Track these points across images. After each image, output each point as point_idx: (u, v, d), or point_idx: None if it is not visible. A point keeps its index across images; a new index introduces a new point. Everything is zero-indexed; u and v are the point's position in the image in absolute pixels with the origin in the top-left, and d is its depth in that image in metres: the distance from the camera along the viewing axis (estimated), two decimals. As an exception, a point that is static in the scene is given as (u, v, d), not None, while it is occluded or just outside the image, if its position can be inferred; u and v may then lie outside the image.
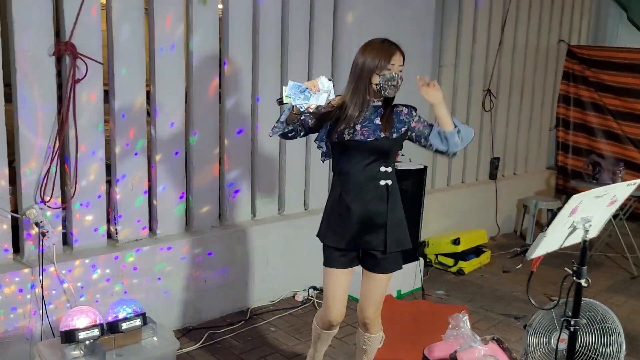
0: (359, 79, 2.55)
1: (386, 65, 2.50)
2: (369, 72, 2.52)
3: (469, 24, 5.50)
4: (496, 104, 5.94)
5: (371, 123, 2.57)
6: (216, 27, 3.77)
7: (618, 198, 2.26)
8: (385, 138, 2.57)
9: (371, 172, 2.60)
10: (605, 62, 6.33)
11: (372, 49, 2.55)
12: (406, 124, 2.62)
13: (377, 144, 2.56)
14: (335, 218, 2.67)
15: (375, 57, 2.52)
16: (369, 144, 2.56)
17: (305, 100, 2.34)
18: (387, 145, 2.59)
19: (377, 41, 2.58)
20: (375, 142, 2.56)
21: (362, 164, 2.59)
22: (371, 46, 2.57)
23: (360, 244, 2.66)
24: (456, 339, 2.28)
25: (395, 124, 2.60)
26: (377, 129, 2.56)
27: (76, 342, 2.69)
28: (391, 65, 2.51)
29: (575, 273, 2.22)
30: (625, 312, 4.30)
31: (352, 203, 2.61)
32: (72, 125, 3.19)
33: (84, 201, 3.35)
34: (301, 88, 2.34)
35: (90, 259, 3.33)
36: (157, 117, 3.60)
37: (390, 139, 2.59)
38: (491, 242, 5.75)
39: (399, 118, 2.62)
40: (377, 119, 2.58)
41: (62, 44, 3.09)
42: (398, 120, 2.61)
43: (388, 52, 2.53)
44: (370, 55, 2.54)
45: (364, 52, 2.57)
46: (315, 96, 2.35)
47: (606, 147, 6.46)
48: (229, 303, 4.01)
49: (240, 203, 4.08)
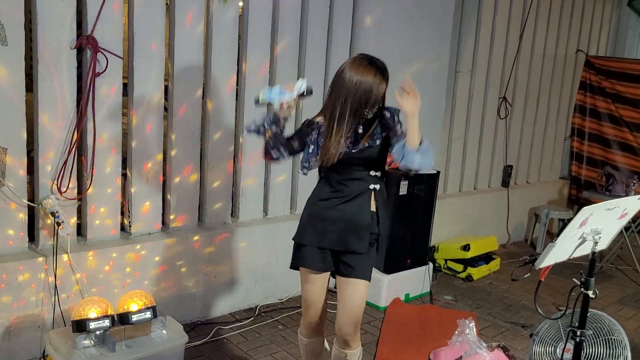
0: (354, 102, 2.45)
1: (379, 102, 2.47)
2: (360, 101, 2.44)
3: (487, 30, 5.50)
4: (511, 112, 5.92)
5: (354, 133, 2.53)
6: (236, 25, 3.80)
7: (629, 211, 2.26)
8: (368, 147, 2.53)
9: (359, 175, 2.57)
10: (624, 73, 6.30)
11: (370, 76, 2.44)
12: (387, 128, 2.56)
13: (364, 152, 2.53)
14: (318, 219, 2.61)
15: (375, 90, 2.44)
16: (352, 155, 2.52)
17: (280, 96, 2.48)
18: (372, 153, 2.55)
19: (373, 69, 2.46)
20: (358, 153, 2.53)
21: (349, 170, 2.56)
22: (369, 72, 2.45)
23: (342, 245, 2.58)
24: (462, 345, 2.29)
25: (375, 129, 2.54)
26: (360, 138, 2.52)
27: (87, 331, 2.74)
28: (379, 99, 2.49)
29: (583, 284, 2.22)
30: (634, 325, 4.28)
31: (337, 205, 2.57)
32: (90, 117, 3.24)
33: (99, 193, 3.39)
34: (278, 90, 2.49)
35: (104, 251, 3.37)
36: (174, 112, 3.65)
37: (375, 147, 2.54)
38: (501, 250, 5.74)
39: (381, 123, 2.57)
40: (360, 127, 2.53)
41: (84, 38, 3.14)
42: (380, 125, 2.56)
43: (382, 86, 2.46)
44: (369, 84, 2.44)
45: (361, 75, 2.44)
46: (289, 94, 2.48)
47: (621, 159, 6.42)
48: (238, 300, 4.04)
49: (252, 201, 4.11)
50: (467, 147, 5.64)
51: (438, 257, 5.11)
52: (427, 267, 4.52)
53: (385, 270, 4.30)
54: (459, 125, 5.51)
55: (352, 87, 2.43)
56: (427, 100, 4.86)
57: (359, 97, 2.43)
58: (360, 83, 2.42)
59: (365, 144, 2.53)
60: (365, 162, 2.56)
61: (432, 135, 4.95)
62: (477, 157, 5.78)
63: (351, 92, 2.43)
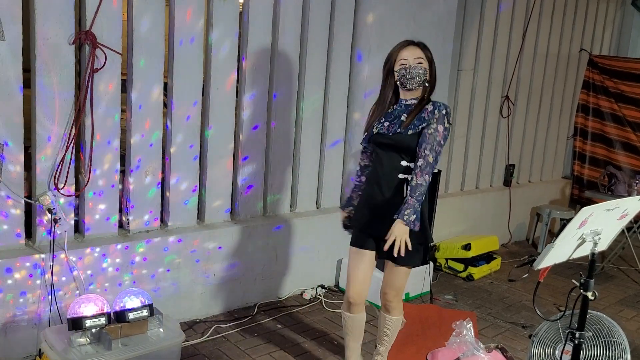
0: (383, 80, 2.78)
1: (397, 59, 2.68)
2: (388, 70, 2.74)
3: (490, 28, 5.46)
4: (514, 111, 5.89)
5: (398, 119, 2.73)
6: (236, 22, 3.78)
7: (629, 212, 2.23)
8: (400, 133, 2.69)
9: (393, 164, 2.74)
10: (627, 73, 6.25)
11: (391, 50, 2.76)
12: (426, 121, 2.66)
13: (393, 138, 2.70)
14: (362, 202, 2.88)
15: (389, 58, 2.73)
16: (387, 137, 2.72)
17: None
18: (402, 140, 2.69)
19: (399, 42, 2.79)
20: (392, 136, 2.70)
21: (385, 156, 2.76)
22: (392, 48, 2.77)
23: (374, 231, 2.79)
24: (459, 346, 2.27)
25: (414, 120, 2.68)
26: (400, 124, 2.70)
27: (83, 329, 2.72)
28: (404, 60, 2.66)
29: (582, 285, 2.20)
30: (635, 326, 4.25)
31: (373, 191, 2.79)
32: (88, 114, 3.22)
33: (97, 190, 3.38)
34: None
35: (101, 248, 3.36)
36: (173, 109, 3.63)
37: (405, 135, 2.67)
38: (502, 249, 5.71)
39: (421, 115, 2.69)
40: (404, 115, 2.71)
41: (83, 33, 3.12)
42: (418, 118, 2.68)
43: (399, 48, 2.71)
44: (388, 55, 2.75)
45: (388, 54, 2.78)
46: None
47: (624, 159, 6.38)
48: (237, 298, 4.02)
49: (252, 199, 4.09)
50: (469, 146, 5.61)
51: (439, 256, 5.09)
52: (428, 267, 4.49)
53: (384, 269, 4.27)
54: (461, 124, 5.48)
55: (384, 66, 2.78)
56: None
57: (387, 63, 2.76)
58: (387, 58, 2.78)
59: (399, 129, 2.69)
60: (397, 146, 2.71)
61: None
62: (479, 156, 5.75)
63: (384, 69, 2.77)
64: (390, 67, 2.73)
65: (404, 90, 2.73)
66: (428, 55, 2.72)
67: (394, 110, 2.78)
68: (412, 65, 2.66)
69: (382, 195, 2.75)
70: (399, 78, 2.68)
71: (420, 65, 2.66)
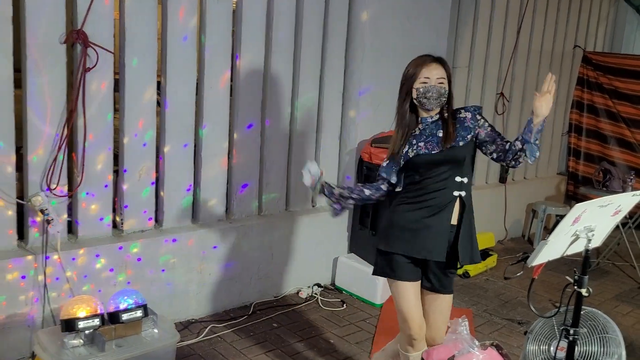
0: (399, 97, 2.59)
1: (419, 76, 2.49)
2: (407, 87, 2.54)
3: (484, 26, 5.46)
4: (509, 108, 5.89)
5: (434, 137, 2.54)
6: (230, 20, 3.76)
7: (623, 208, 2.23)
8: (450, 149, 2.51)
9: (445, 183, 2.52)
10: (621, 69, 6.26)
11: (407, 67, 2.57)
12: (471, 130, 2.55)
13: (448, 153, 2.51)
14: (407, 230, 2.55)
15: (409, 73, 2.53)
16: (434, 156, 2.51)
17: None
18: (456, 153, 2.52)
19: (416, 57, 2.58)
20: (440, 154, 2.51)
21: (434, 176, 2.53)
22: (408, 65, 2.57)
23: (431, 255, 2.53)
24: (455, 344, 2.27)
25: (459, 131, 2.53)
26: (439, 141, 2.53)
27: (76, 331, 2.71)
28: (426, 79, 2.49)
29: (576, 282, 2.19)
30: (630, 321, 4.26)
31: (426, 215, 2.53)
32: (81, 113, 3.20)
33: (90, 190, 3.36)
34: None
35: (95, 248, 3.34)
36: (167, 108, 3.61)
37: (458, 147, 2.52)
38: (498, 246, 5.72)
39: (464, 125, 2.55)
40: (439, 132, 2.55)
41: (74, 32, 3.10)
42: (462, 128, 2.54)
43: (420, 65, 2.52)
44: (405, 73, 2.56)
45: (404, 71, 2.58)
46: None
47: (618, 155, 6.40)
48: (233, 297, 4.01)
49: (247, 198, 4.08)
50: (464, 143, 5.60)
51: (434, 253, 5.08)
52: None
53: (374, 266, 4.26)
54: (455, 121, 5.47)
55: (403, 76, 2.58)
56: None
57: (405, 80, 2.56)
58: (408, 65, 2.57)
59: (446, 145, 2.51)
60: (448, 163, 2.52)
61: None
62: (474, 153, 5.74)
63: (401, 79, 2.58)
64: (410, 85, 2.52)
65: (423, 110, 2.56)
66: (449, 73, 2.55)
67: (423, 130, 2.57)
68: (434, 85, 2.49)
69: (438, 219, 2.52)
70: (419, 97, 2.50)
71: (441, 85, 2.50)
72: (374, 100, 4.41)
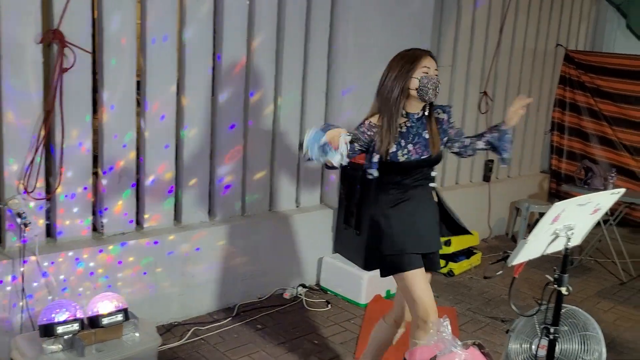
0: (390, 89, 2.51)
1: (420, 66, 2.48)
2: (405, 78, 2.48)
3: (467, 25, 5.47)
4: (492, 107, 5.91)
5: (421, 138, 2.60)
6: (210, 18, 3.73)
7: (602, 206, 2.24)
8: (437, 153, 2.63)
9: (425, 180, 2.67)
10: (603, 68, 6.32)
11: (403, 57, 2.53)
12: (446, 131, 2.69)
13: (431, 160, 2.63)
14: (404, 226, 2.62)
15: (407, 62, 2.50)
16: (423, 161, 2.61)
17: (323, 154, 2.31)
18: (438, 158, 2.67)
19: (404, 50, 2.58)
20: (429, 159, 2.62)
21: (417, 175, 2.63)
22: (400, 55, 2.56)
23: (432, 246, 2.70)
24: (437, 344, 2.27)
25: (440, 134, 2.65)
26: (427, 144, 2.60)
27: (55, 336, 2.67)
28: (426, 69, 2.50)
29: (556, 281, 2.20)
30: (612, 318, 4.29)
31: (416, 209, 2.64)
32: (58, 115, 3.15)
33: (69, 193, 3.31)
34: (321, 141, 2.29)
35: (74, 252, 3.29)
36: (147, 109, 3.57)
37: (440, 153, 2.66)
38: (483, 244, 5.74)
39: (442, 128, 2.67)
40: (425, 132, 2.60)
41: (50, 32, 3.05)
42: (441, 130, 2.66)
43: (420, 55, 2.52)
44: (402, 62, 2.51)
45: (394, 62, 2.55)
46: (332, 153, 2.29)
47: (600, 153, 6.45)
48: (216, 299, 3.98)
49: (230, 198, 4.05)
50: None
51: (419, 252, 5.08)
52: (408, 264, 4.48)
53: (365, 267, 4.25)
54: (439, 120, 5.49)
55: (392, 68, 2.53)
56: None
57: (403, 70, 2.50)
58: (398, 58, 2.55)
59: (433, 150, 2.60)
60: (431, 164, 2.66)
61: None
62: (457, 152, 5.76)
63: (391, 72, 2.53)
64: (408, 75, 2.47)
65: (419, 101, 2.53)
66: None
67: (410, 128, 2.58)
68: (434, 76, 2.50)
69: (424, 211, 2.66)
70: (421, 87, 2.46)
71: (437, 77, 2.52)
72: (357, 99, 4.39)
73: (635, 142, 6.22)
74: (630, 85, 6.14)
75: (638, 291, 4.86)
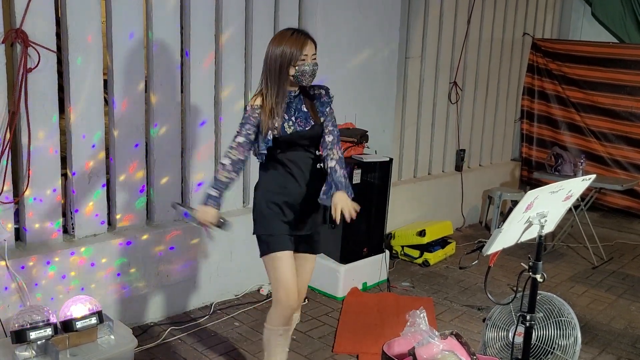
0: (275, 71, 2.60)
1: (300, 56, 2.57)
2: (286, 64, 2.58)
3: (435, 16, 5.50)
4: (462, 96, 5.96)
5: (300, 112, 2.68)
6: (177, 15, 3.67)
7: (574, 193, 2.27)
8: (317, 125, 2.69)
9: (310, 157, 2.72)
10: (569, 55, 6.42)
11: (286, 41, 2.60)
12: (327, 105, 2.74)
13: (312, 132, 2.68)
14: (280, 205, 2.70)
15: (289, 49, 2.57)
16: (306, 132, 2.67)
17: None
18: (319, 130, 2.71)
19: (289, 33, 2.63)
20: (311, 130, 2.68)
21: (302, 151, 2.69)
22: (284, 38, 2.61)
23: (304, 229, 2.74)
24: (414, 335, 2.28)
25: (318, 107, 2.71)
26: (307, 117, 2.68)
27: (27, 342, 2.61)
28: (304, 56, 2.59)
29: (531, 268, 2.23)
30: (585, 301, 4.37)
31: (298, 188, 2.69)
32: (24, 116, 3.07)
33: (37, 195, 3.24)
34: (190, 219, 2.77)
35: (45, 255, 3.22)
36: (115, 107, 3.50)
37: (319, 125, 2.70)
38: (457, 233, 5.79)
39: (320, 101, 2.73)
40: (303, 106, 2.69)
41: (13, 32, 2.97)
42: (320, 104, 2.73)
43: (301, 44, 2.59)
44: (285, 47, 2.58)
45: (278, 44, 2.60)
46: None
47: (569, 139, 6.57)
48: (192, 298, 3.94)
49: (203, 196, 4.00)
50: (420, 133, 5.65)
51: (394, 244, 5.11)
52: (384, 255, 4.51)
53: (341, 260, 4.27)
54: (411, 112, 5.51)
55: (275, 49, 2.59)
56: (378, 88, 4.84)
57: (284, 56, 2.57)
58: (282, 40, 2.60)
59: (312, 122, 2.67)
60: (313, 138, 2.70)
61: (385, 122, 4.92)
62: (430, 143, 5.80)
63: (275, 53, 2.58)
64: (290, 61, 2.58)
65: (296, 85, 2.66)
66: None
67: (290, 104, 2.68)
68: (311, 63, 2.61)
69: (304, 192, 2.69)
70: (298, 74, 2.59)
71: (315, 62, 2.64)
72: (328, 93, 4.38)
73: (603, 127, 6.35)
74: (596, 72, 6.26)
75: (610, 274, 4.97)
